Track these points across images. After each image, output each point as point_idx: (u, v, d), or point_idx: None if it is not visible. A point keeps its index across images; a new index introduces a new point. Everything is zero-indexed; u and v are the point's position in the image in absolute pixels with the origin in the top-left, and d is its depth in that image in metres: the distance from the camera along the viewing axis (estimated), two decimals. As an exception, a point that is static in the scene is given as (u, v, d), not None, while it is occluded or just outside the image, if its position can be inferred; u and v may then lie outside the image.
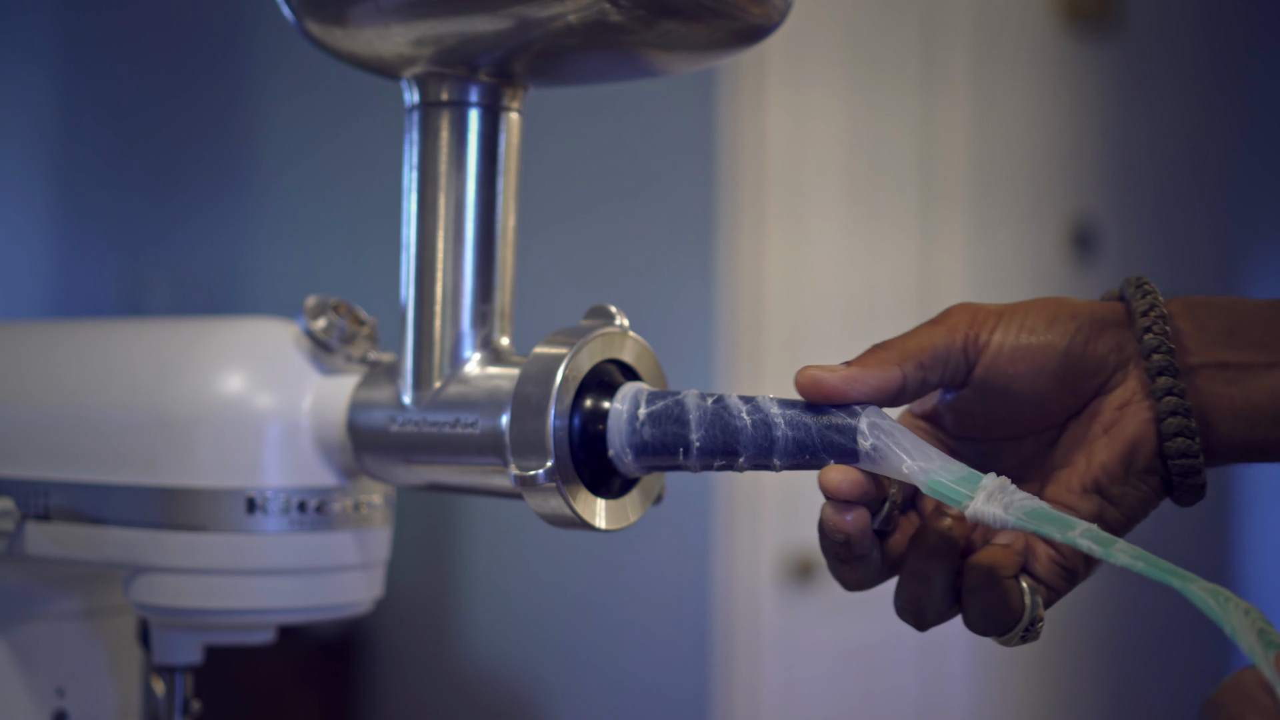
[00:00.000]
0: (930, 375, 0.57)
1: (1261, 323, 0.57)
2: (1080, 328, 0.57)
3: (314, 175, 2.73)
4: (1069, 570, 0.58)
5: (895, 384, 0.57)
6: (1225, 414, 0.57)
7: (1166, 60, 2.79)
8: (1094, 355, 0.57)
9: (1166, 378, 0.56)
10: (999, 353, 0.57)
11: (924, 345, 0.57)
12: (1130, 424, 0.57)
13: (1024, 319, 0.58)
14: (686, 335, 2.11)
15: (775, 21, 0.65)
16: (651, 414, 0.60)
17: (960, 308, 0.59)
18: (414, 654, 2.48)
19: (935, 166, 2.33)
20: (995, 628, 0.58)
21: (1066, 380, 0.58)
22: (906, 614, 0.60)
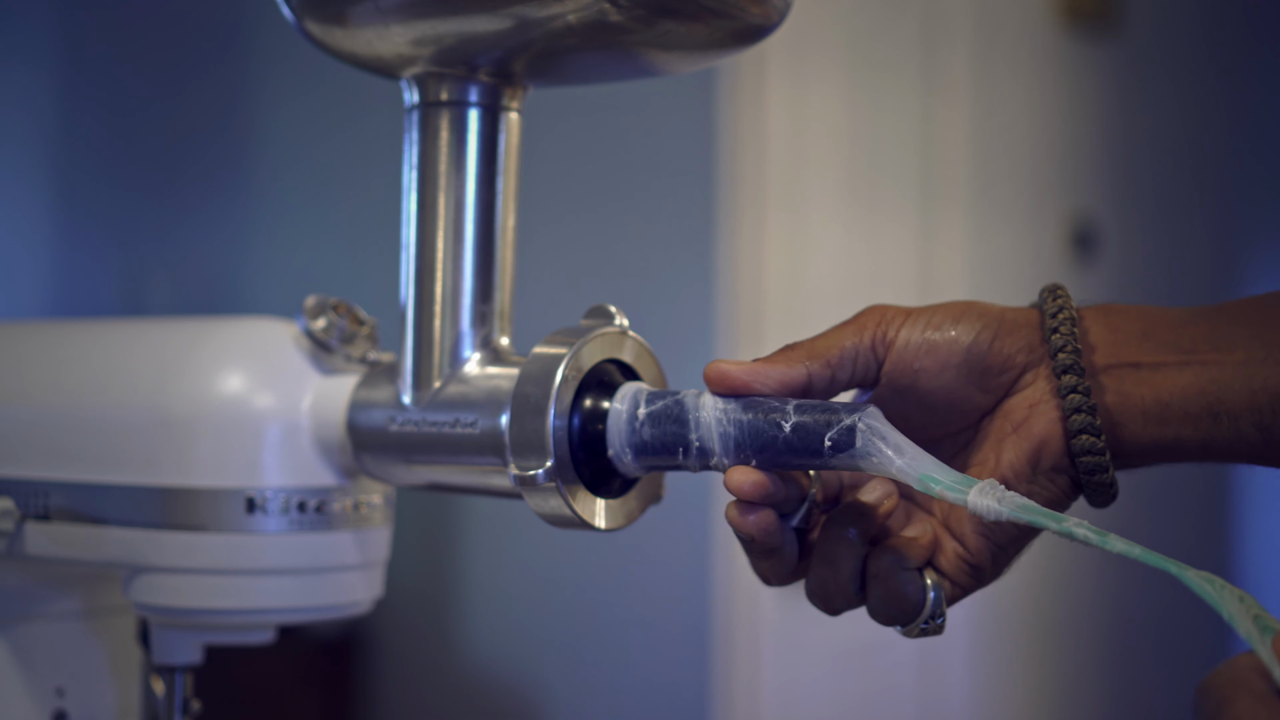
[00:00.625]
0: (839, 373, 0.59)
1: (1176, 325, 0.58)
2: (987, 325, 0.58)
3: (314, 175, 2.73)
4: (975, 567, 0.59)
5: (800, 380, 0.58)
6: (1135, 414, 0.57)
7: (1166, 60, 2.79)
8: (1000, 353, 0.58)
9: (1071, 376, 0.57)
10: (904, 348, 0.59)
11: (832, 345, 0.59)
12: (1038, 423, 0.58)
13: (931, 317, 0.59)
14: (686, 335, 2.11)
15: (775, 21, 0.65)
16: (651, 414, 0.60)
17: (871, 309, 0.60)
18: (414, 654, 2.48)
19: (935, 166, 2.33)
20: (896, 618, 0.60)
21: (973, 377, 0.58)
22: (815, 597, 0.61)
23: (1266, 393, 0.55)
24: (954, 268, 2.34)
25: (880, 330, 0.59)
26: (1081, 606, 2.54)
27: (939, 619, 0.60)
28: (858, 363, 0.59)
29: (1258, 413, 0.55)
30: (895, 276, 2.30)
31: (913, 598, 0.59)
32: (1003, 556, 0.60)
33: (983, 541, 0.59)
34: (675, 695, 2.14)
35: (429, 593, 2.45)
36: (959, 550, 0.59)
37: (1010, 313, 0.59)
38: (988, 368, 0.58)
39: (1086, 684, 2.60)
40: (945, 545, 0.60)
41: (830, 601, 0.61)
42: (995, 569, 0.60)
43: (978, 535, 0.59)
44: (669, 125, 2.18)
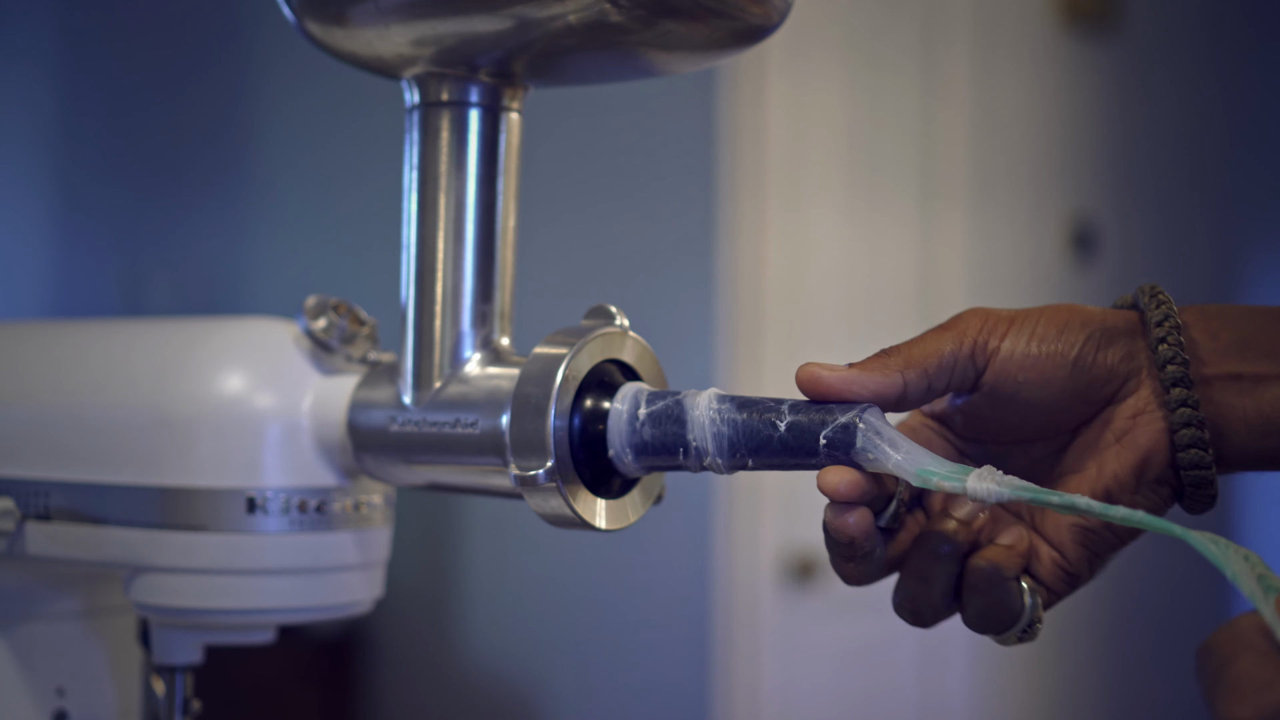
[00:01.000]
0: (936, 382, 0.57)
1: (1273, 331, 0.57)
2: (1090, 336, 0.57)
3: (314, 175, 2.73)
4: (1070, 574, 0.59)
5: (895, 389, 0.57)
6: (1238, 424, 0.57)
7: (1166, 60, 2.79)
8: (1104, 364, 0.57)
9: (1181, 389, 0.56)
10: (1008, 360, 0.57)
11: (930, 352, 0.57)
12: (1143, 434, 0.57)
13: (1034, 327, 0.57)
14: (686, 335, 2.11)
15: (775, 22, 0.65)
16: (651, 414, 0.60)
17: (972, 313, 0.58)
18: (414, 654, 2.48)
19: (935, 166, 2.33)
20: (993, 627, 0.58)
21: (1077, 389, 0.57)
22: (904, 611, 0.60)
23: None
24: (954, 268, 2.34)
25: (982, 338, 0.58)
26: (1082, 607, 2.54)
27: (1036, 625, 0.59)
28: (955, 371, 0.58)
29: None
30: (895, 277, 2.30)
31: (1012, 607, 0.58)
32: (1099, 563, 0.59)
33: (1081, 551, 0.58)
34: (675, 695, 2.14)
35: (429, 593, 2.45)
36: (1056, 558, 0.58)
37: (1110, 318, 0.58)
38: (1092, 380, 0.57)
39: (1087, 684, 2.60)
40: (1041, 552, 0.59)
41: (920, 616, 0.60)
42: (1091, 574, 0.59)
43: (1077, 545, 0.58)
44: (669, 125, 2.18)
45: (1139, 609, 2.63)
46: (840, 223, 2.24)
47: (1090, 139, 2.62)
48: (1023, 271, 2.46)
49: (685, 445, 0.59)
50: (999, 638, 0.59)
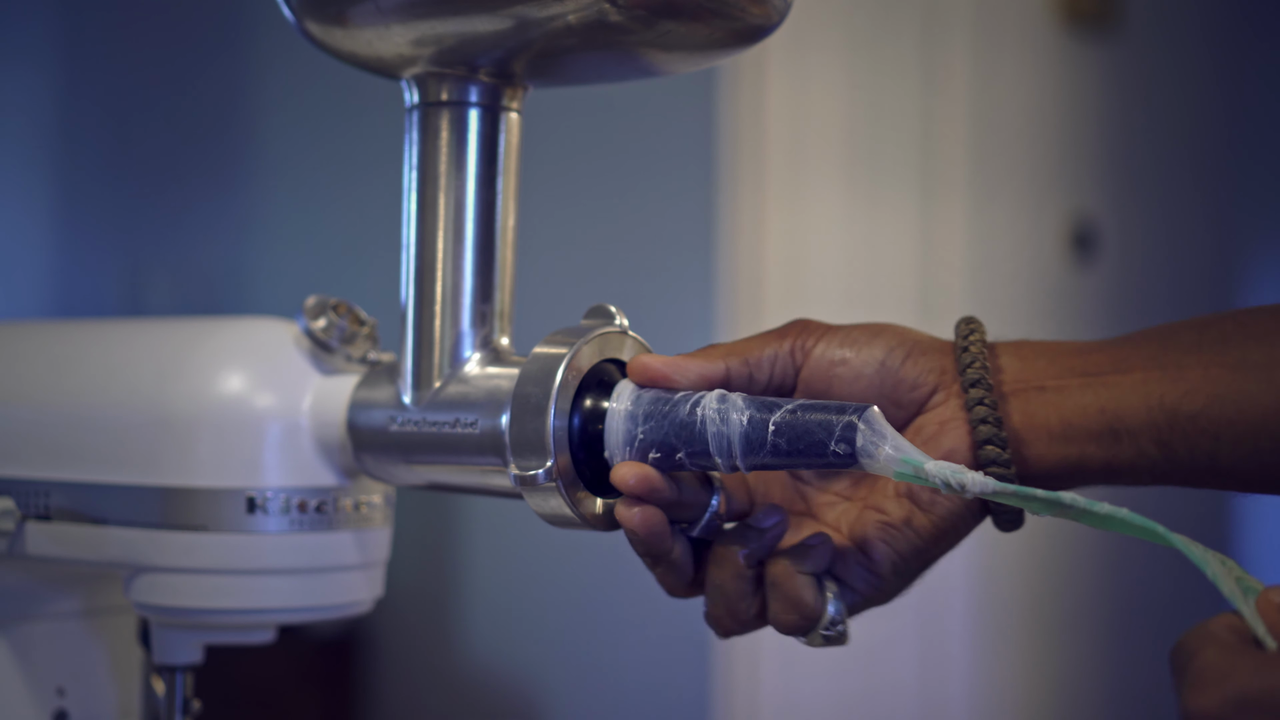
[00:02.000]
0: (757, 372, 0.62)
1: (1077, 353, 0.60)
2: (901, 344, 0.61)
3: (314, 175, 2.73)
4: (874, 573, 0.61)
5: (718, 374, 0.61)
6: (1041, 433, 0.59)
7: (1166, 60, 2.79)
8: (911, 371, 0.61)
9: (978, 389, 0.59)
10: (821, 357, 0.61)
11: (752, 346, 0.62)
12: (947, 438, 0.60)
13: (850, 334, 0.62)
14: (686, 335, 2.11)
15: (775, 22, 0.65)
16: (649, 414, 0.60)
17: (797, 320, 0.63)
18: (414, 654, 2.48)
19: (935, 167, 2.33)
20: (795, 625, 0.61)
21: (884, 391, 0.61)
22: (710, 620, 0.63)
23: (1163, 409, 0.57)
24: (954, 269, 2.34)
25: (800, 340, 0.62)
26: (1083, 608, 2.54)
27: (840, 627, 0.60)
28: (776, 366, 0.62)
29: (1155, 429, 0.57)
30: (895, 279, 2.30)
31: (810, 604, 0.60)
32: (904, 565, 0.61)
33: (884, 549, 0.60)
34: (675, 695, 2.14)
35: (429, 593, 2.45)
36: (859, 558, 0.61)
37: (925, 338, 0.62)
38: (899, 383, 0.61)
39: (1088, 685, 2.60)
40: (846, 553, 0.61)
41: (722, 624, 0.62)
42: (897, 579, 0.61)
43: (880, 542, 0.61)
44: (669, 124, 2.18)
45: (1139, 610, 2.63)
46: (840, 223, 2.24)
47: (1090, 139, 2.62)
48: (1022, 271, 2.46)
49: (688, 446, 0.59)
50: (804, 639, 0.61)
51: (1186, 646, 0.46)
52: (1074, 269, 2.56)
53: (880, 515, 0.61)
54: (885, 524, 0.60)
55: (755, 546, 0.60)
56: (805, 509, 0.64)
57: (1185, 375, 0.57)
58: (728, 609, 0.61)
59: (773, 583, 0.60)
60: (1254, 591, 0.47)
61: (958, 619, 2.25)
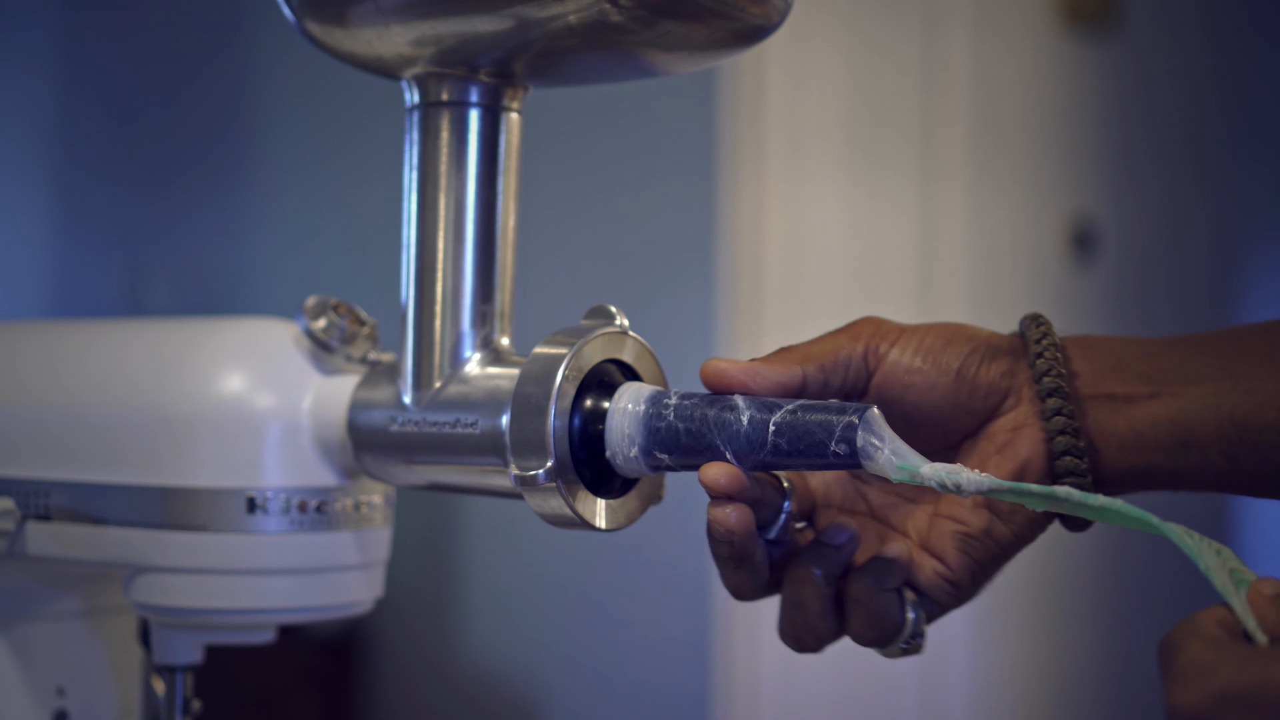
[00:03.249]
0: (831, 378, 0.60)
1: (1145, 357, 0.60)
2: (975, 350, 0.60)
3: (314, 175, 2.73)
4: (953, 583, 0.60)
5: (795, 381, 0.60)
6: (1112, 442, 0.59)
7: (1166, 60, 2.79)
8: (986, 378, 0.60)
9: (1056, 399, 0.59)
10: (896, 365, 0.60)
11: (826, 350, 0.61)
12: (1022, 445, 0.59)
13: (923, 338, 0.61)
14: (686, 335, 2.11)
15: (775, 22, 0.65)
16: (646, 414, 0.60)
17: (866, 320, 0.62)
18: (414, 654, 2.48)
19: (935, 168, 2.33)
20: (877, 640, 0.60)
21: (959, 399, 0.60)
22: (787, 638, 0.62)
23: (1233, 422, 0.57)
24: (954, 270, 2.34)
25: (874, 343, 0.61)
26: (1083, 608, 2.54)
27: (919, 639, 0.60)
28: (850, 370, 0.61)
29: (1225, 441, 0.57)
30: (896, 280, 2.30)
31: (893, 619, 0.60)
32: (982, 574, 0.61)
33: (964, 559, 0.60)
34: (675, 695, 2.14)
35: (429, 593, 2.45)
36: (939, 568, 0.60)
37: (995, 338, 0.61)
38: (974, 391, 0.60)
39: (1088, 685, 2.60)
40: (924, 564, 0.61)
41: (801, 641, 0.61)
42: (974, 586, 0.61)
43: (959, 553, 0.60)
44: (668, 122, 2.18)
45: (1140, 610, 2.63)
46: (840, 225, 2.24)
47: (1090, 139, 2.62)
48: (1022, 271, 2.46)
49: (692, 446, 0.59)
50: (883, 651, 0.61)
51: (1173, 641, 0.46)
52: (1074, 269, 2.56)
53: (959, 526, 0.60)
54: (965, 535, 0.60)
55: (831, 565, 0.60)
56: (867, 510, 0.64)
57: (1256, 387, 0.57)
58: (807, 627, 0.60)
59: (855, 600, 0.60)
60: (1246, 583, 0.46)
61: (958, 618, 2.24)
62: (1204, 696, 0.43)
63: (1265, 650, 0.44)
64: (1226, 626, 0.45)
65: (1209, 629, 0.45)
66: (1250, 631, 0.45)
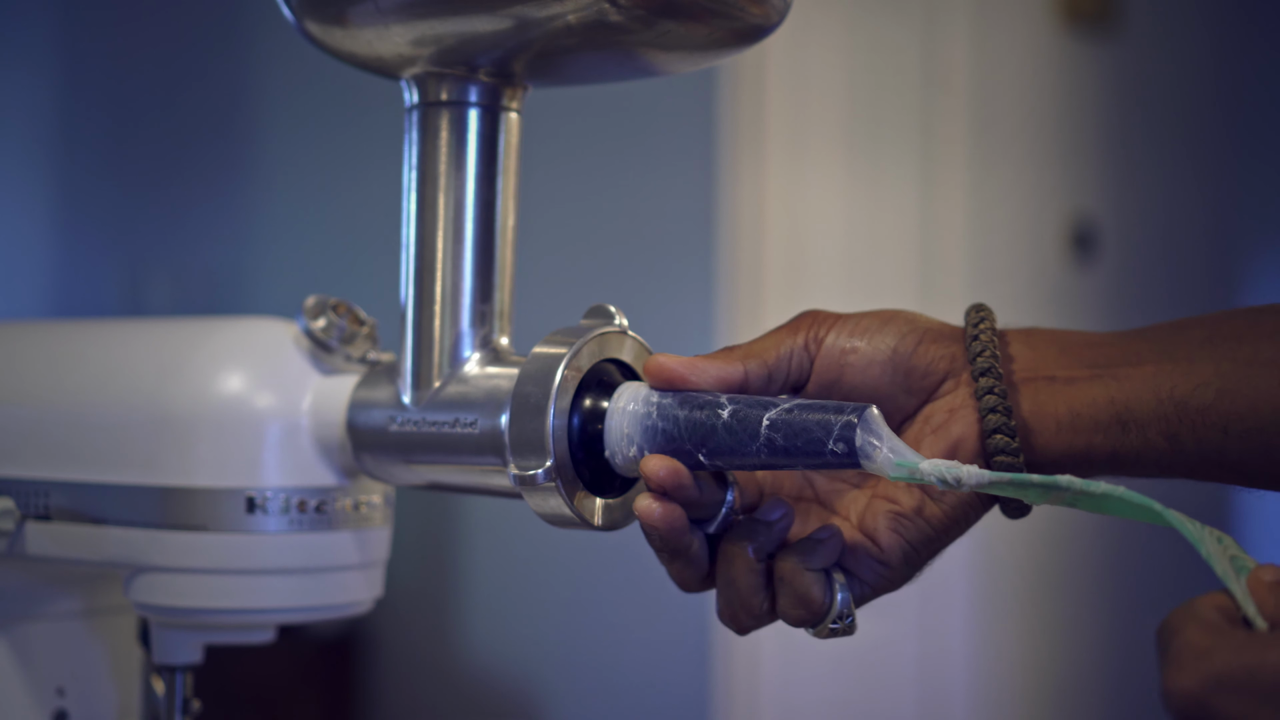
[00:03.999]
0: (775, 372, 0.61)
1: (1092, 345, 0.60)
2: (913, 331, 0.61)
3: (314, 175, 2.73)
4: (882, 563, 0.61)
5: (736, 376, 0.60)
6: (1049, 423, 0.59)
7: (1166, 60, 2.79)
8: (923, 359, 0.61)
9: (988, 379, 0.59)
10: (833, 347, 0.61)
11: (768, 345, 0.62)
12: (956, 425, 0.60)
13: (860, 321, 0.62)
14: (686, 335, 2.11)
15: (775, 21, 0.65)
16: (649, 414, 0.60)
17: (806, 312, 0.63)
18: (414, 654, 2.48)
19: (935, 169, 2.33)
20: (803, 619, 0.61)
21: (896, 379, 0.61)
22: (723, 618, 0.62)
23: (1172, 401, 0.57)
24: (954, 271, 2.34)
25: (813, 331, 0.62)
26: (1083, 606, 2.54)
27: (848, 619, 0.61)
28: (792, 363, 0.61)
29: (1164, 421, 0.57)
30: (895, 282, 2.30)
31: (819, 598, 0.60)
32: (915, 555, 0.61)
33: (895, 539, 0.61)
34: (675, 695, 2.14)
35: (429, 593, 2.45)
36: (868, 547, 0.61)
37: (936, 324, 0.62)
38: (911, 370, 0.61)
39: (1087, 685, 2.60)
40: (857, 545, 0.61)
41: (738, 620, 0.62)
42: (907, 568, 0.61)
43: (890, 532, 0.61)
44: (668, 120, 2.18)
45: (1140, 607, 2.63)
46: (840, 225, 2.24)
47: (1090, 139, 2.62)
48: (1022, 271, 2.46)
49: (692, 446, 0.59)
50: (813, 631, 0.62)
51: (1170, 625, 0.46)
52: (1074, 268, 2.56)
53: (891, 505, 0.61)
54: (896, 514, 0.60)
55: (763, 540, 0.60)
56: (814, 496, 0.64)
57: (1196, 369, 0.57)
58: (741, 604, 0.61)
59: (780, 579, 0.60)
60: (1246, 570, 0.47)
61: (958, 617, 2.24)
62: (1200, 680, 0.43)
63: (1263, 635, 0.44)
64: (1225, 612, 0.46)
65: (1207, 614, 0.45)
66: (1250, 618, 0.45)
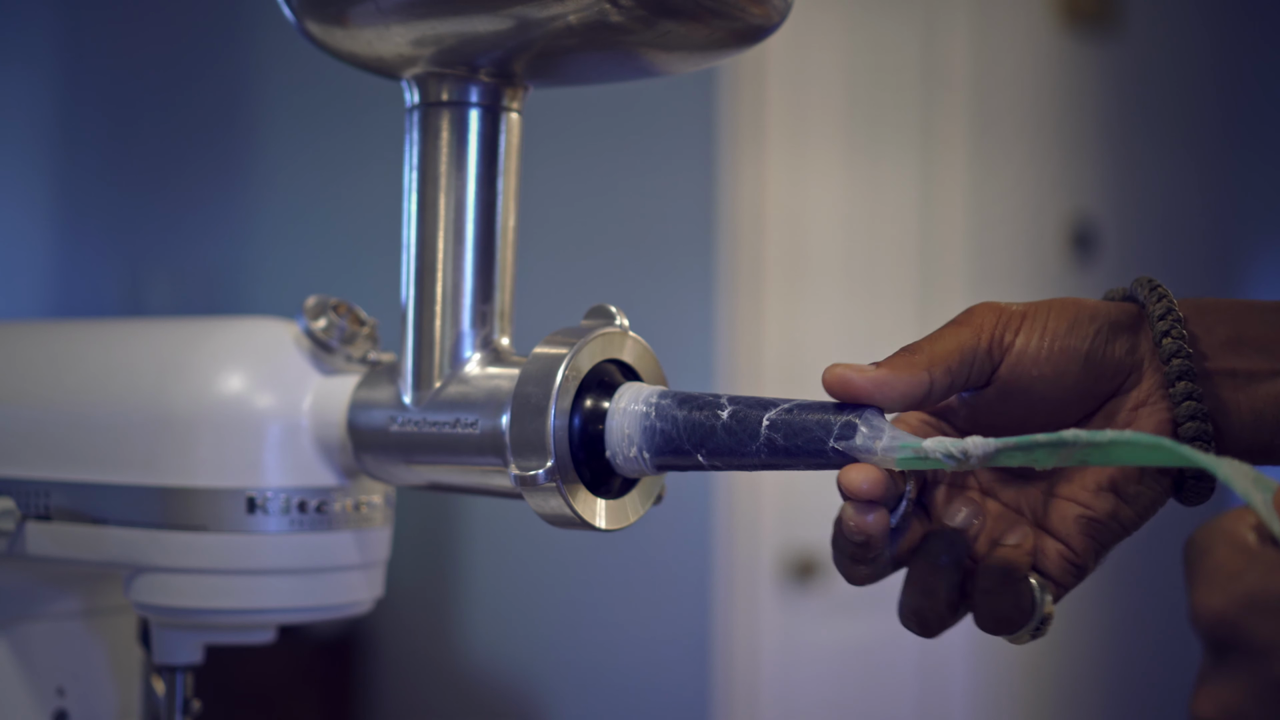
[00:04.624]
0: (958, 379, 0.57)
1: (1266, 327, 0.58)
2: (1099, 330, 0.58)
3: (314, 175, 2.73)
4: (1078, 565, 0.59)
5: (923, 388, 0.57)
6: (1233, 419, 0.57)
7: (1166, 60, 2.79)
8: (1112, 358, 0.58)
9: (1186, 382, 0.57)
10: (1023, 354, 0.57)
11: (952, 348, 0.57)
12: (1146, 425, 0.58)
13: (1046, 321, 0.58)
14: (687, 335, 2.11)
15: (775, 22, 0.65)
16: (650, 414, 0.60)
17: (984, 307, 0.59)
18: (414, 654, 2.48)
19: (935, 169, 2.33)
20: (1007, 627, 0.58)
21: (1086, 383, 0.58)
22: (911, 623, 0.60)
23: None
24: (954, 271, 2.34)
25: (998, 333, 0.58)
26: (1083, 607, 2.54)
27: (1047, 622, 0.59)
28: (974, 366, 0.58)
29: None
30: (895, 281, 2.30)
31: (1024, 606, 0.58)
32: (1104, 554, 0.60)
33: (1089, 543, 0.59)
34: (675, 695, 2.14)
35: (429, 593, 2.45)
36: (1064, 552, 0.59)
37: (1114, 312, 0.59)
38: (1101, 374, 0.58)
39: (1087, 685, 2.60)
40: (1047, 547, 0.59)
41: (928, 626, 0.60)
42: (1096, 565, 0.60)
43: (1084, 537, 0.59)
44: (670, 125, 2.18)
45: (1140, 610, 2.63)
46: (840, 225, 2.24)
47: (1090, 139, 2.62)
48: (1022, 271, 2.46)
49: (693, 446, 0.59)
50: (1011, 637, 0.59)
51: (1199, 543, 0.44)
52: (1074, 268, 2.56)
53: (1083, 510, 0.58)
54: (1090, 519, 0.58)
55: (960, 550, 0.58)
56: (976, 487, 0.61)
57: None
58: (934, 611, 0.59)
59: (985, 591, 0.58)
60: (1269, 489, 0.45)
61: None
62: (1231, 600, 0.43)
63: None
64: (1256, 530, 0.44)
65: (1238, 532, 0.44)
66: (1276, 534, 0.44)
